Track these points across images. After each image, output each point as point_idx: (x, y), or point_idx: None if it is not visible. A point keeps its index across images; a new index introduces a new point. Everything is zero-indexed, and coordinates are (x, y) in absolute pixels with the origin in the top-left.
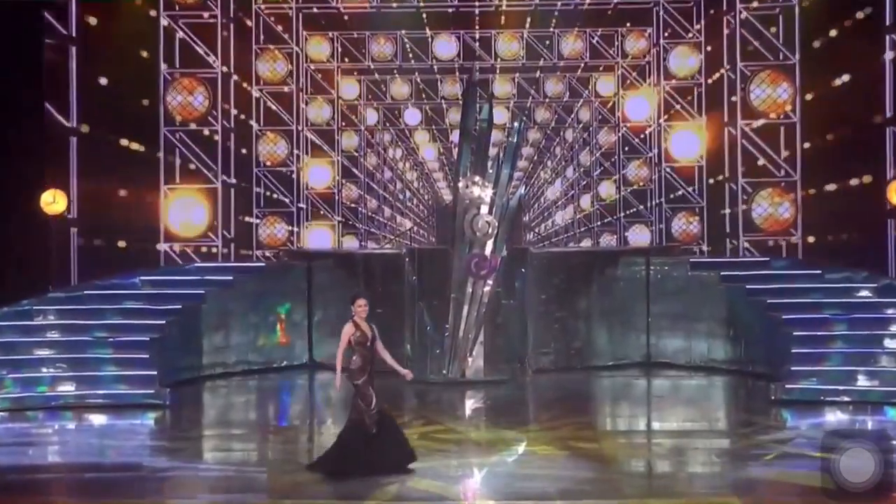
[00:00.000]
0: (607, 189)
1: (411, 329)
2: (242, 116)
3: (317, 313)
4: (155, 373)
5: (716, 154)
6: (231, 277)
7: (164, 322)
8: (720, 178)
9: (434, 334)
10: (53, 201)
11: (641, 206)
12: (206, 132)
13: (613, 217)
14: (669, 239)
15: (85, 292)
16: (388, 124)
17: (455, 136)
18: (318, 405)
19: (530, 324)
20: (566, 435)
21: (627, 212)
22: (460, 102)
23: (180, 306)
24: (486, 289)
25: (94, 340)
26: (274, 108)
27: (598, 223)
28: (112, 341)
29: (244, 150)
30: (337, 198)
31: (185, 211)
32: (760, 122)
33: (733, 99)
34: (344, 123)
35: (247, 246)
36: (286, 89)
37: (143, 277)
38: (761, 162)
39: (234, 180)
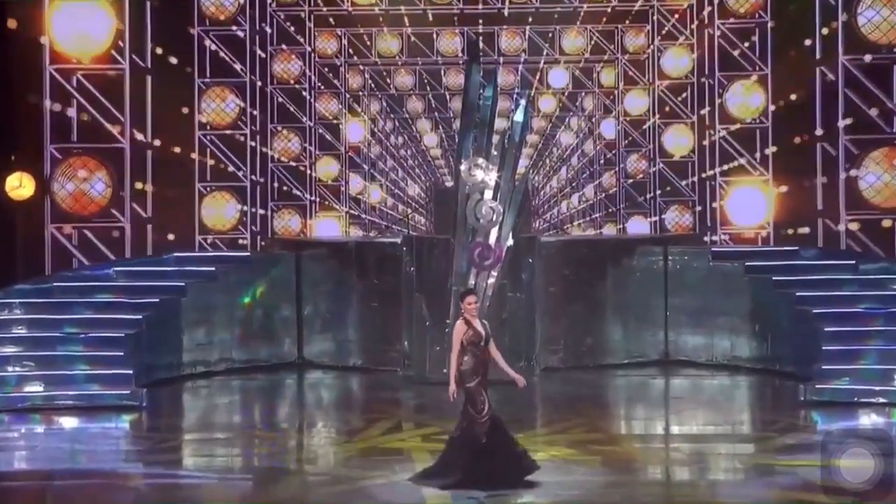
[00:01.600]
0: (609, 180)
1: (409, 324)
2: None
3: (306, 307)
4: (130, 372)
5: (703, 151)
6: (213, 269)
7: (140, 317)
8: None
9: (434, 330)
10: (20, 185)
11: (641, 198)
12: (239, 137)
13: (616, 207)
14: (663, 230)
15: (54, 284)
16: (391, 113)
17: (458, 123)
18: (309, 407)
19: (538, 319)
20: (577, 439)
21: (627, 202)
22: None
23: (158, 300)
24: (491, 281)
25: (64, 336)
26: (289, 106)
27: (601, 213)
28: (84, 337)
29: (263, 148)
30: (344, 189)
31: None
32: (735, 126)
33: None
34: (348, 114)
35: (264, 238)
36: (298, 87)
37: (117, 268)
38: (737, 163)
39: (259, 178)
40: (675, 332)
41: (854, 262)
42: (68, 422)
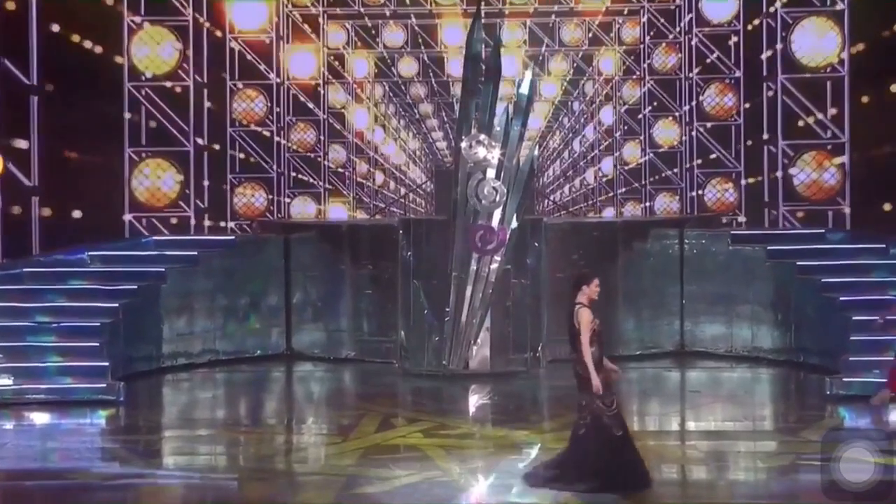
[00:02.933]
0: (631, 151)
1: (406, 313)
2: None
3: (296, 294)
4: (107, 364)
5: (753, 112)
6: (196, 253)
7: (116, 305)
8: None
9: (432, 319)
10: None
11: (671, 172)
12: (178, 89)
13: (639, 184)
14: (702, 209)
15: (24, 270)
16: (380, 76)
17: (457, 91)
18: (298, 401)
19: (545, 307)
20: None
21: (654, 178)
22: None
23: (136, 287)
24: (494, 266)
25: (34, 326)
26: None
27: (623, 189)
28: (56, 327)
29: (215, 108)
30: (323, 162)
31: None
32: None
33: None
34: (330, 76)
35: (220, 217)
36: (265, 39)
37: (91, 252)
38: (802, 122)
39: (207, 143)
40: (692, 321)
41: (884, 245)
42: (39, 418)
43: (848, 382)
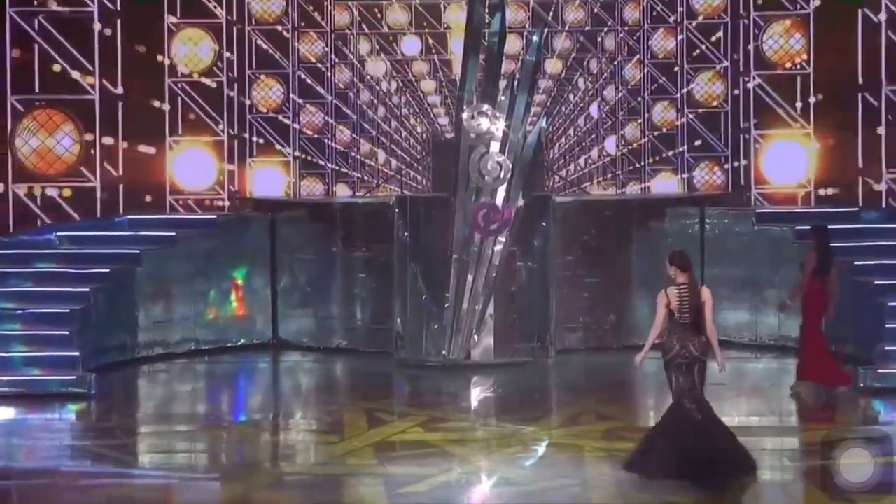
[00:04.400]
0: (633, 132)
1: (402, 298)
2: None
3: (282, 279)
4: (77, 354)
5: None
6: (173, 233)
7: (87, 290)
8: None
9: (431, 305)
10: None
11: (670, 153)
12: (213, 84)
13: (640, 163)
14: (691, 190)
15: None
16: (382, 54)
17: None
18: (285, 395)
19: (553, 292)
20: (598, 432)
21: (655, 158)
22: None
23: (109, 270)
24: (498, 248)
25: None
26: (268, 49)
27: (629, 167)
28: (22, 314)
29: (242, 98)
30: (328, 142)
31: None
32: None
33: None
34: (336, 59)
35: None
36: (280, 29)
37: (60, 233)
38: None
39: (238, 132)
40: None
41: None
42: (4, 412)
43: (883, 374)
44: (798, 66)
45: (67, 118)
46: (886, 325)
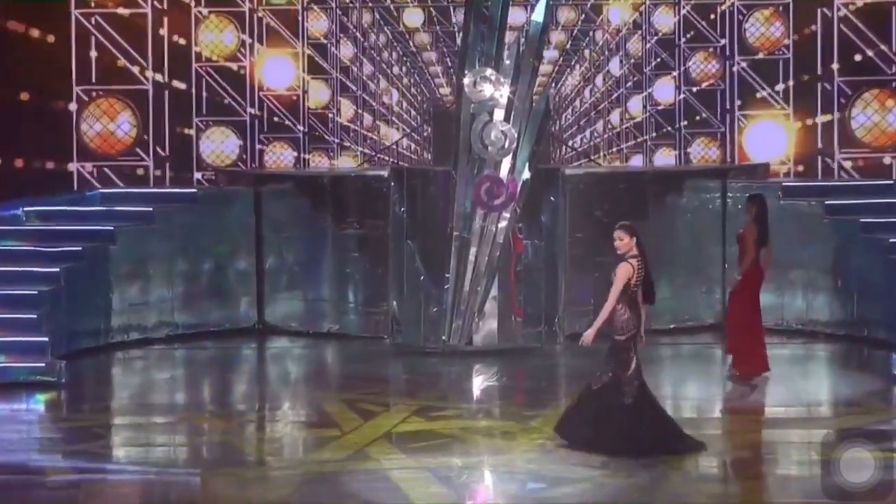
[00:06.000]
0: (637, 105)
1: (398, 279)
2: None
3: (268, 258)
4: (46, 339)
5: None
6: (150, 209)
7: (57, 270)
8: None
9: (430, 287)
10: None
11: (670, 128)
12: (127, 14)
13: (644, 137)
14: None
15: None
16: (384, 26)
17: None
18: (272, 384)
19: (562, 272)
20: None
21: (657, 132)
22: None
23: (80, 248)
24: (502, 224)
25: None
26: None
27: (631, 142)
28: None
29: (182, 41)
30: (302, 103)
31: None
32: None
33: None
34: (310, 1)
35: (185, 166)
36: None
37: (28, 208)
38: (760, 94)
39: (168, 80)
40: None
41: None
42: None
43: None
44: (779, 52)
45: (126, 106)
46: None
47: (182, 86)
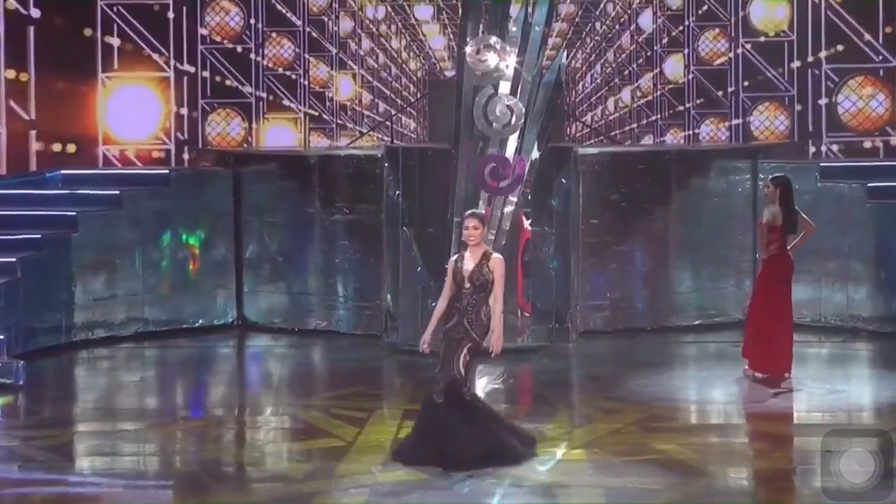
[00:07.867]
0: (648, 83)
1: (393, 270)
2: None
3: (249, 246)
4: (2, 337)
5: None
6: (118, 192)
7: (14, 260)
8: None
9: (428, 279)
10: None
11: (680, 107)
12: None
13: (655, 116)
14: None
15: None
16: None
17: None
18: (252, 386)
19: (575, 263)
20: (628, 429)
21: (669, 112)
22: None
23: (39, 236)
24: (508, 209)
25: None
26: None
27: (643, 121)
28: None
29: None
30: (301, 81)
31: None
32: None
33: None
34: (337, 7)
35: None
36: None
37: None
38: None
39: (188, 67)
40: None
41: None
42: None
43: None
44: (783, 34)
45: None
46: None
47: (191, 69)
